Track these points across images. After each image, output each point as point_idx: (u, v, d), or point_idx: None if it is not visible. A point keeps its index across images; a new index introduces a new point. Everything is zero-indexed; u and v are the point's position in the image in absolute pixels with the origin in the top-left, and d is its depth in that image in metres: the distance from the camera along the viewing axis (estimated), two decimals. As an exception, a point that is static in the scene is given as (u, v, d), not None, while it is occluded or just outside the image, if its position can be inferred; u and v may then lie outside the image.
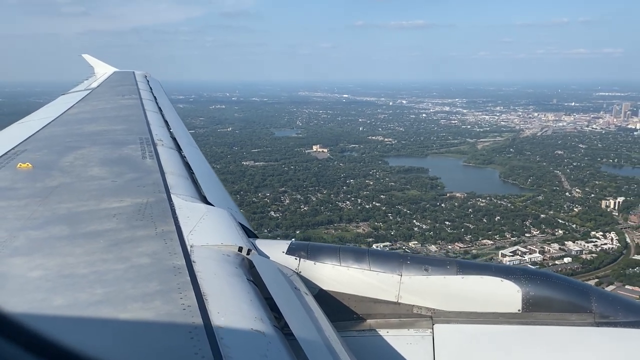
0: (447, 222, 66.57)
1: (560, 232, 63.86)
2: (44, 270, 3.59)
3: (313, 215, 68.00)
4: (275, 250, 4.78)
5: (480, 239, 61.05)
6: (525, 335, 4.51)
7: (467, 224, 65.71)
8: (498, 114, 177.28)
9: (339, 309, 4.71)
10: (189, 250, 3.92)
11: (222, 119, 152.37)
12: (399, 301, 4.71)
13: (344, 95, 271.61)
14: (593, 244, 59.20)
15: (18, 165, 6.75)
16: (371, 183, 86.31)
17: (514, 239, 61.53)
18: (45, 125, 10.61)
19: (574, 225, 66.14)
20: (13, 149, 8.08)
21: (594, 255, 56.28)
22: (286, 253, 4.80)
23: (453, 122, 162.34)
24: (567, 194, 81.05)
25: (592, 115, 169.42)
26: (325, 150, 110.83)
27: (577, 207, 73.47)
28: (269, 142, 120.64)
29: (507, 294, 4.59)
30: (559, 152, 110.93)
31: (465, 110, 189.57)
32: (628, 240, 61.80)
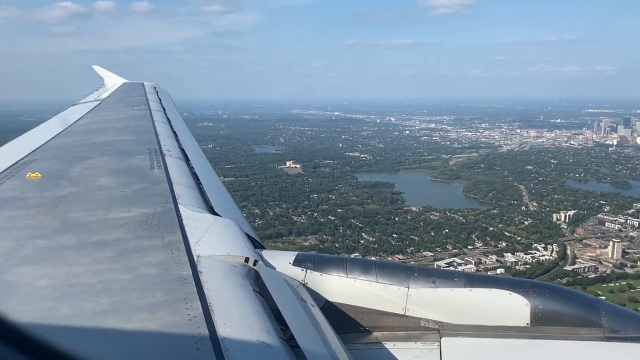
0: (394, 235, 67.96)
1: (504, 244, 65.07)
2: (51, 279, 3.61)
3: (264, 229, 69.45)
4: (282, 261, 4.79)
5: (421, 251, 62.37)
6: (534, 350, 4.45)
7: (413, 237, 67.09)
8: (481, 131, 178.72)
9: (345, 321, 4.69)
10: (195, 261, 3.94)
11: (206, 136, 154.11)
12: (406, 314, 4.67)
13: (335, 113, 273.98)
14: (531, 255, 60.42)
15: (27, 175, 6.82)
16: (333, 197, 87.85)
17: (455, 250, 62.82)
18: (55, 136, 10.71)
19: (518, 238, 67.39)
20: (23, 158, 8.16)
21: (527, 266, 57.42)
22: (293, 264, 4.80)
23: (434, 138, 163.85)
24: (522, 207, 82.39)
25: (573, 132, 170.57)
26: (298, 166, 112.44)
27: (527, 220, 74.75)
28: (245, 158, 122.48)
29: (516, 308, 4.55)
30: (529, 167, 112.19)
31: (450, 127, 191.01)
32: (568, 252, 62.95)
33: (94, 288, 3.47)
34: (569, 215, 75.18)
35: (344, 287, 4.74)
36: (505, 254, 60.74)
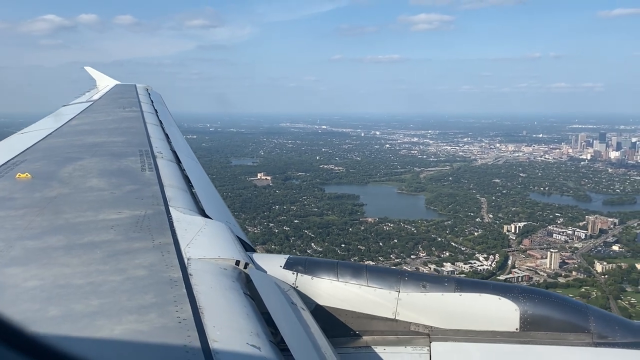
0: (342, 245, 69.09)
1: (447, 254, 66.29)
2: (39, 281, 3.59)
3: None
4: (273, 265, 4.79)
5: (364, 260, 63.33)
6: (522, 355, 4.49)
7: (361, 247, 68.26)
8: (461, 145, 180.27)
9: (335, 325, 4.71)
10: (185, 263, 3.94)
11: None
12: (397, 318, 4.69)
13: (323, 127, 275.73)
14: (470, 265, 61.57)
15: (17, 175, 6.76)
16: (294, 208, 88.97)
17: (397, 260, 63.91)
18: (46, 136, 10.65)
19: (463, 248, 68.62)
20: (13, 159, 8.14)
21: (463, 275, 58.44)
22: (284, 267, 4.81)
23: (413, 152, 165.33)
24: (477, 219, 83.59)
25: (551, 146, 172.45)
26: (269, 178, 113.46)
27: (478, 231, 75.98)
28: (218, 170, 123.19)
29: (505, 313, 4.58)
30: (496, 180, 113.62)
31: (431, 142, 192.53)
32: (509, 262, 64.15)
33: (83, 289, 3.46)
34: (519, 226, 76.53)
35: (334, 291, 4.76)
36: (445, 264, 61.92)
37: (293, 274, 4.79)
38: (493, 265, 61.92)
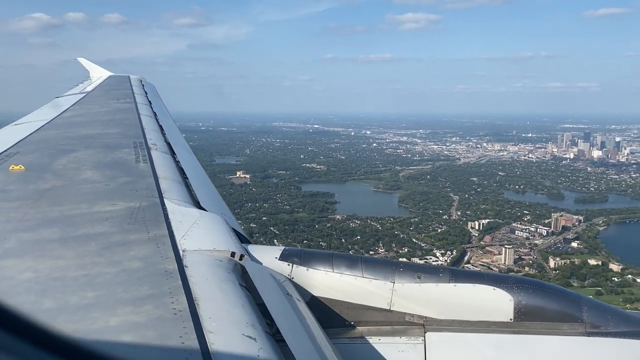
0: (305, 241, 69.87)
1: (406, 250, 67.15)
2: (34, 273, 3.59)
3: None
4: (268, 256, 4.80)
5: (322, 255, 64.25)
6: (516, 345, 4.56)
7: (322, 243, 69.02)
8: (448, 144, 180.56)
9: (331, 316, 4.75)
10: (181, 255, 3.95)
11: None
12: (391, 308, 4.73)
13: (315, 126, 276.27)
14: (425, 260, 62.39)
15: (10, 167, 6.75)
16: (266, 206, 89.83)
17: (356, 255, 64.76)
18: (39, 128, 10.61)
19: (423, 245, 69.50)
20: (6, 150, 8.15)
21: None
22: (279, 259, 4.82)
23: (398, 151, 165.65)
24: (445, 216, 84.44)
25: (537, 145, 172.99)
26: (247, 176, 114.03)
27: (442, 228, 76.81)
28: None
29: (499, 303, 4.64)
30: (474, 178, 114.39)
31: (419, 141, 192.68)
32: (466, 258, 65.04)
33: (78, 282, 3.46)
34: (484, 223, 77.36)
35: (330, 282, 4.80)
36: (401, 259, 62.65)
37: (288, 265, 4.81)
38: (448, 261, 62.74)
